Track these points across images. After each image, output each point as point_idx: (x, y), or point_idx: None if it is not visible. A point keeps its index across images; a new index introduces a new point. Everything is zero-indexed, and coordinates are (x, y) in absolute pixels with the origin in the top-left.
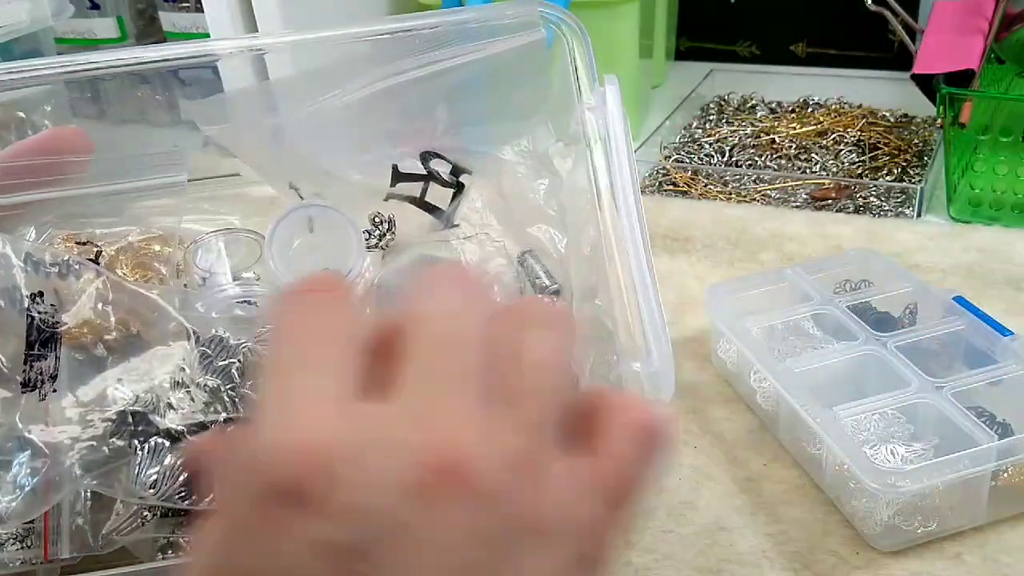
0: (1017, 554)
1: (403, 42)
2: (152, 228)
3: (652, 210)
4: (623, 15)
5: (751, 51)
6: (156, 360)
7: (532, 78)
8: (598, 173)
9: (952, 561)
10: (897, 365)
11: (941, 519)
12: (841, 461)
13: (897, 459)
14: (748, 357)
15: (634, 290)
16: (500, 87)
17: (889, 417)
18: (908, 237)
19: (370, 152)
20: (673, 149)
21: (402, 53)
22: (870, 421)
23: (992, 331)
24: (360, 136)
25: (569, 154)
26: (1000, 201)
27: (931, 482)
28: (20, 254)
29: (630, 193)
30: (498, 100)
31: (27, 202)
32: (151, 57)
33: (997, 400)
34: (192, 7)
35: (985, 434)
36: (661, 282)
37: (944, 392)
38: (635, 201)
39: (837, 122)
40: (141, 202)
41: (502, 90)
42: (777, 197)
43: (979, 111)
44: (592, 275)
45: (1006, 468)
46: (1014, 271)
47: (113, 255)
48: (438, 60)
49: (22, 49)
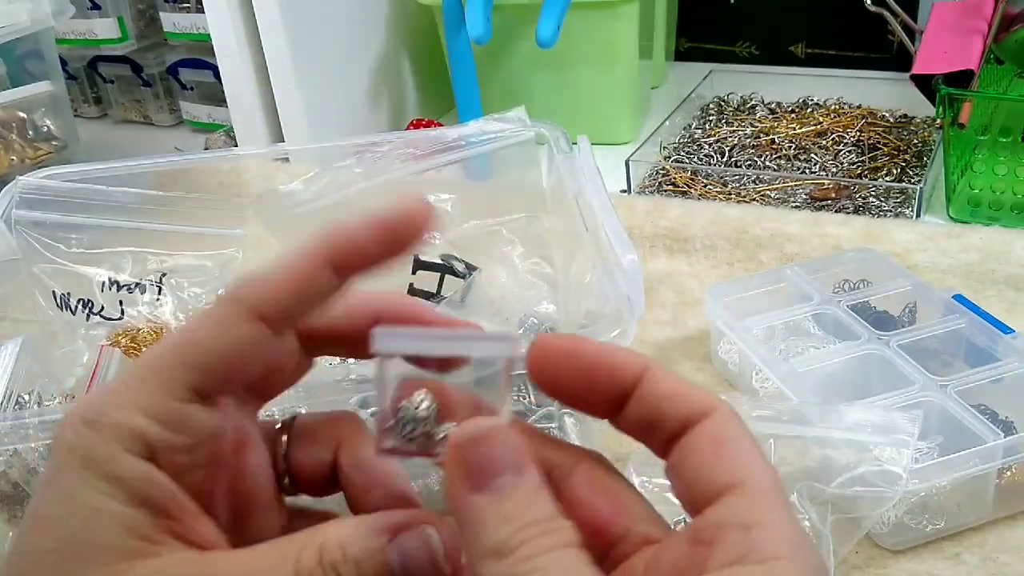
0: (1016, 553)
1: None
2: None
3: (652, 210)
4: (623, 15)
5: (751, 51)
6: None
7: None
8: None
9: (951, 561)
10: (901, 364)
11: (949, 517)
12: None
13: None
14: (750, 357)
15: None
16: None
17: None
18: (907, 237)
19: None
20: (673, 149)
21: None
22: None
23: (993, 329)
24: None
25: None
26: (999, 201)
27: (940, 480)
28: None
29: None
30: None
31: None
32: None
33: (999, 398)
34: (192, 7)
35: (991, 432)
36: (660, 282)
37: (948, 390)
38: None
39: (836, 122)
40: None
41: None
42: (777, 197)
43: (978, 111)
44: (582, 300)
45: (1010, 466)
46: (1013, 271)
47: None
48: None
49: (23, 49)
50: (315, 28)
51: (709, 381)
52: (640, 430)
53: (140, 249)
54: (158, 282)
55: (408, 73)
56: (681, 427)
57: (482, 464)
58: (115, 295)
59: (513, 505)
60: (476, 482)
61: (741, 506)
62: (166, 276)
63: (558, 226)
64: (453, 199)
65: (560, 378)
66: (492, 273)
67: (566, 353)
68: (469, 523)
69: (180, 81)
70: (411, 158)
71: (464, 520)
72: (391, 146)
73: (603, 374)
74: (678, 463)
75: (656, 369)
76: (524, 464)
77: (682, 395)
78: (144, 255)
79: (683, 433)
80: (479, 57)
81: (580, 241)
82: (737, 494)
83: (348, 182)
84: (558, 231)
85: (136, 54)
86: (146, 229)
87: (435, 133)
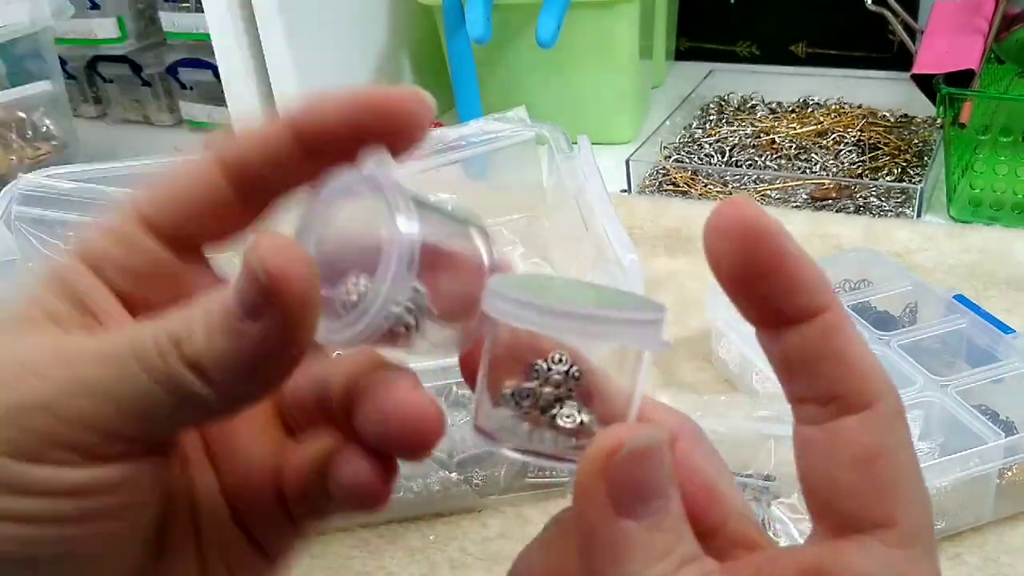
0: (1017, 554)
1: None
2: None
3: (652, 210)
4: (623, 15)
5: (751, 51)
6: None
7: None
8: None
9: (952, 561)
10: (901, 364)
11: (950, 517)
12: None
13: None
14: (751, 358)
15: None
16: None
17: None
18: (908, 237)
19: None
20: (673, 149)
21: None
22: None
23: (994, 329)
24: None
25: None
26: (1000, 201)
27: (942, 480)
28: None
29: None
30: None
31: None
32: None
33: (1000, 398)
34: (192, 7)
35: (992, 432)
36: (661, 282)
37: (949, 390)
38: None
39: (837, 122)
40: None
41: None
42: (777, 197)
43: (979, 111)
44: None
45: (1011, 467)
46: (1014, 271)
47: None
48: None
49: (22, 49)
50: (315, 27)
51: (710, 381)
52: (784, 364)
53: None
54: None
55: (408, 73)
56: (830, 399)
57: (638, 485)
58: None
59: (666, 538)
60: (628, 506)
61: (888, 560)
62: None
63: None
64: (453, 199)
65: (733, 257)
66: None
67: (753, 233)
68: (612, 551)
69: (180, 81)
70: (411, 158)
71: (604, 546)
72: None
73: (781, 282)
74: (823, 450)
75: (837, 315)
76: (674, 487)
77: (852, 368)
78: None
79: (827, 406)
80: (479, 57)
81: (580, 241)
82: (886, 540)
83: None
84: (558, 231)
85: (135, 54)
86: None
87: (435, 133)
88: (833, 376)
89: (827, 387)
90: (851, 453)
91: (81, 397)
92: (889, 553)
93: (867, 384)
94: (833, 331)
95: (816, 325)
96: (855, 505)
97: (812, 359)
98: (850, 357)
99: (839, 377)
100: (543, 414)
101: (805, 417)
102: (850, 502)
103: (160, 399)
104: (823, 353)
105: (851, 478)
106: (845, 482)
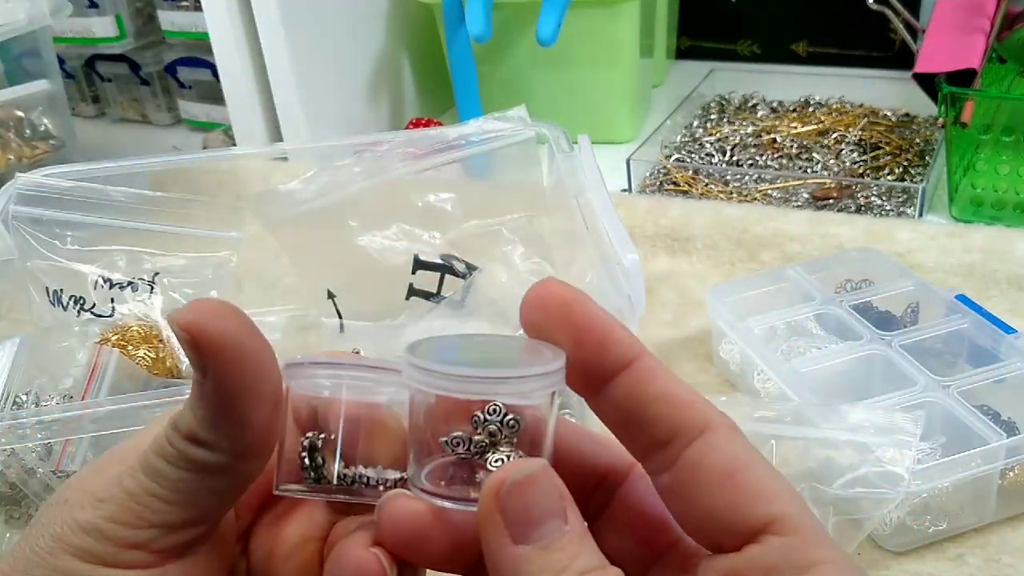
0: (1019, 555)
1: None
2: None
3: (653, 210)
4: (623, 14)
5: (752, 50)
6: None
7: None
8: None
9: (954, 562)
10: (903, 364)
11: (951, 518)
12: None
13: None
14: (752, 357)
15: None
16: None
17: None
18: (909, 237)
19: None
20: (674, 148)
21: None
22: None
23: (996, 329)
24: (386, 214)
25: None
26: (1002, 201)
27: (943, 481)
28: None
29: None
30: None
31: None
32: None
33: (1002, 398)
34: (191, 6)
35: (994, 433)
36: (661, 282)
37: (951, 391)
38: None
39: (838, 121)
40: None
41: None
42: (778, 197)
43: (981, 110)
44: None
45: (1013, 467)
46: (1016, 271)
47: None
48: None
49: (20, 48)
50: (314, 26)
51: (711, 381)
52: (618, 423)
53: (135, 248)
54: (150, 281)
55: (408, 72)
56: (670, 436)
57: (525, 513)
58: (107, 293)
59: (560, 556)
60: (518, 533)
61: (790, 546)
62: (159, 275)
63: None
64: (453, 199)
65: (547, 327)
66: (492, 273)
67: (562, 302)
68: (513, 574)
69: (178, 80)
70: (411, 157)
71: (506, 571)
72: (390, 145)
73: (593, 339)
74: (682, 484)
75: (650, 361)
76: (567, 509)
77: (677, 401)
78: (139, 254)
79: (669, 443)
80: (479, 56)
81: (581, 241)
82: (780, 532)
83: (347, 181)
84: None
85: (134, 53)
86: (142, 229)
87: (435, 132)
88: (666, 413)
89: (665, 425)
90: (714, 474)
91: (131, 502)
92: (786, 541)
93: (697, 410)
94: (651, 373)
95: (634, 371)
96: (738, 518)
97: (642, 404)
98: (674, 392)
99: (671, 412)
100: (481, 458)
101: (656, 468)
102: (733, 517)
103: (185, 478)
104: (650, 396)
105: (723, 497)
106: (720, 503)
